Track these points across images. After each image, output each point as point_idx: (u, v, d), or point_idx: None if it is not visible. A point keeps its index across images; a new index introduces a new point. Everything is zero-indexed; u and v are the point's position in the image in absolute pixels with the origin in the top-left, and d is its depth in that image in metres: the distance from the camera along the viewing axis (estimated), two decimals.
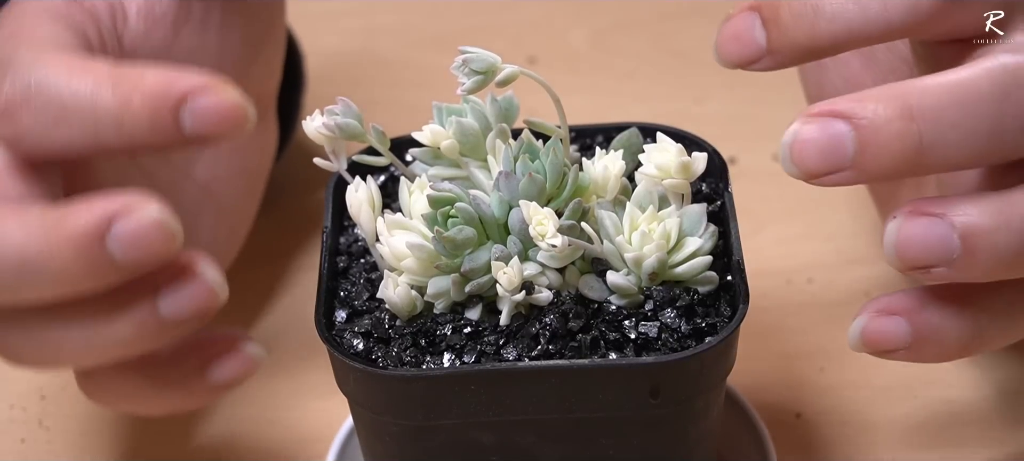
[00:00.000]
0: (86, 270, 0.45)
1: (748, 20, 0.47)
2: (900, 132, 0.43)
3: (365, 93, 0.73)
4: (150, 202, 0.45)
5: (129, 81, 0.47)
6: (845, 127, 0.44)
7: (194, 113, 0.46)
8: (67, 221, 0.45)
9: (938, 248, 0.44)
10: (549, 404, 0.46)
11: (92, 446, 0.60)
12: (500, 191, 0.47)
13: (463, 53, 0.48)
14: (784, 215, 0.68)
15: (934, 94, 0.44)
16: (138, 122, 0.46)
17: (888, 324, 0.46)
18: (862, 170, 0.44)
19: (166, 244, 0.45)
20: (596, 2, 0.83)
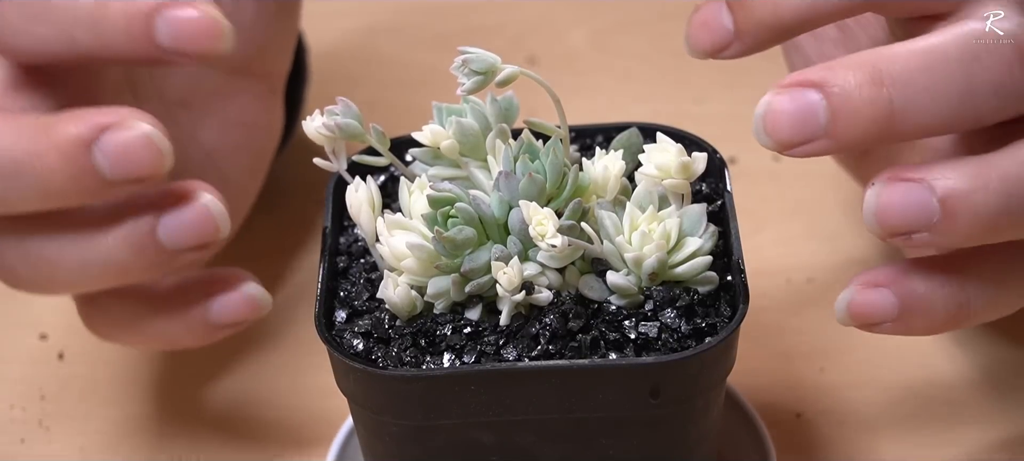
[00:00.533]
0: (72, 178, 0.45)
1: (715, 7, 0.47)
2: (871, 98, 0.44)
3: (365, 93, 0.74)
4: (143, 117, 0.45)
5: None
6: (816, 96, 0.44)
7: (169, 22, 0.46)
8: (56, 127, 0.45)
9: (918, 213, 0.44)
10: (549, 404, 0.46)
11: (92, 446, 0.60)
12: (500, 191, 0.47)
13: (463, 53, 0.48)
14: (784, 215, 0.68)
15: (903, 60, 0.44)
16: (114, 25, 0.46)
17: (874, 296, 0.47)
18: (835, 138, 0.44)
19: (154, 161, 0.44)
20: (596, 2, 0.83)
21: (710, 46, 0.48)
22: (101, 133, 0.44)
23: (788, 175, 0.71)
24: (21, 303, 0.66)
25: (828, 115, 0.44)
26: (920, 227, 0.44)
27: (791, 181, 0.70)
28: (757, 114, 0.45)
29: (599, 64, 0.79)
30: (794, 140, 0.45)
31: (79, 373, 0.63)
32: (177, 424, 0.60)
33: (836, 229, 0.68)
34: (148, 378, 0.62)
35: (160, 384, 0.62)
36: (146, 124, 0.45)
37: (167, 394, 0.61)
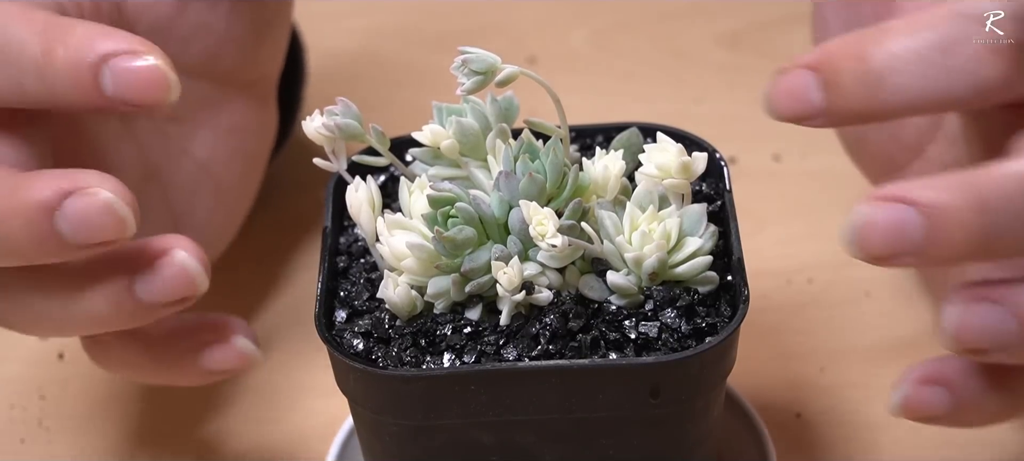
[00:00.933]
0: (36, 242, 0.45)
1: (805, 78, 0.46)
2: (970, 224, 0.43)
3: (365, 93, 0.74)
4: (105, 183, 0.45)
5: (56, 32, 0.46)
6: (915, 215, 0.43)
7: (114, 74, 0.46)
8: (20, 191, 0.45)
9: (996, 335, 0.44)
10: (549, 404, 0.46)
11: (92, 446, 0.60)
12: (500, 191, 0.47)
13: (463, 53, 0.48)
14: (784, 215, 0.68)
15: (1004, 187, 0.43)
16: (59, 76, 0.46)
17: (931, 395, 0.46)
18: (926, 256, 0.43)
19: (116, 227, 0.45)
20: (596, 2, 0.83)
21: (792, 115, 0.46)
22: (62, 199, 0.45)
23: (788, 175, 0.71)
24: None
25: (924, 235, 0.43)
26: (997, 348, 0.44)
27: (791, 181, 0.70)
28: (850, 223, 0.44)
29: (599, 64, 0.79)
30: (884, 254, 0.43)
31: (79, 373, 0.63)
32: (177, 424, 0.60)
33: (836, 229, 0.67)
34: None
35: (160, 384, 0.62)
36: (106, 191, 0.45)
37: (167, 394, 0.61)
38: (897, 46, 0.45)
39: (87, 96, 0.47)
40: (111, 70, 0.46)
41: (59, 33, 0.47)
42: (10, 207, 0.45)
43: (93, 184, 0.45)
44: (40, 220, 0.45)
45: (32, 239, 0.45)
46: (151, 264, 0.47)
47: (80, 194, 0.45)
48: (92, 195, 0.45)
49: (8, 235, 0.45)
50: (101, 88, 0.46)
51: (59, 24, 0.47)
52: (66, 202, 0.45)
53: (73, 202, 0.45)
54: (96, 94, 0.46)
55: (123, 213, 0.45)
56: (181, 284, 0.47)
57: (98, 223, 0.45)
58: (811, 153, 0.69)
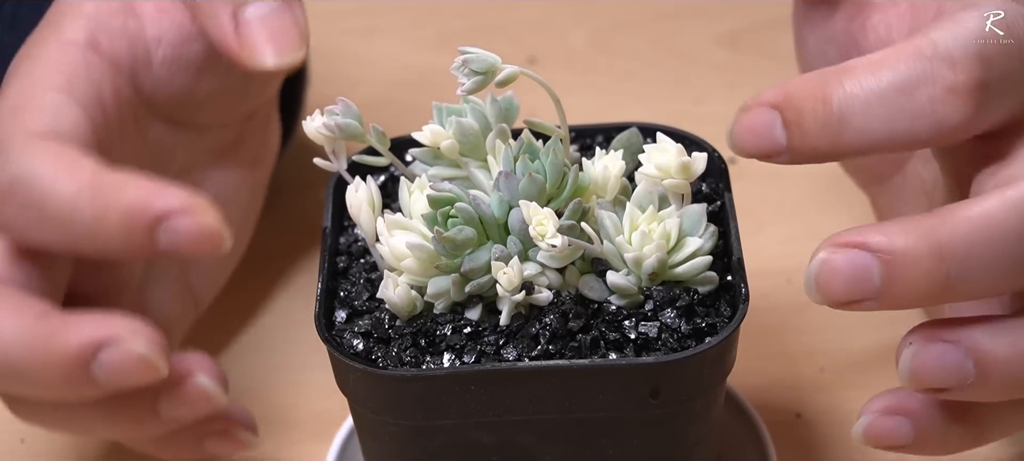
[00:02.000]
0: (70, 386, 0.46)
1: (768, 116, 0.46)
2: (928, 270, 0.43)
3: (365, 93, 0.73)
4: (140, 334, 0.45)
5: (109, 193, 0.46)
6: (873, 261, 0.43)
7: (170, 233, 0.46)
8: (57, 338, 0.45)
9: (953, 374, 0.44)
10: (549, 404, 0.46)
11: (91, 446, 0.60)
12: (500, 191, 0.47)
13: (463, 53, 0.48)
14: (784, 215, 0.68)
15: (964, 232, 0.43)
16: (112, 238, 0.46)
17: (893, 425, 0.47)
18: (886, 302, 0.44)
19: (148, 376, 0.45)
20: (596, 2, 0.83)
21: (756, 152, 0.47)
22: (99, 349, 0.45)
23: (788, 175, 0.70)
24: None
25: (883, 280, 0.43)
26: (954, 386, 0.45)
27: (791, 181, 0.70)
28: (811, 269, 0.44)
29: (599, 64, 0.79)
30: (845, 299, 0.44)
31: None
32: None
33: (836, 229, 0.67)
34: None
35: None
36: (141, 345, 0.45)
37: None
38: (858, 87, 0.45)
39: (139, 252, 0.47)
40: (166, 229, 0.46)
41: (110, 194, 0.46)
42: (46, 355, 0.45)
43: (127, 336, 0.45)
44: (76, 368, 0.45)
45: (66, 384, 0.46)
46: (172, 388, 0.47)
47: (115, 346, 0.45)
48: (127, 349, 0.45)
49: (42, 380, 0.46)
50: (155, 244, 0.46)
51: (107, 184, 0.47)
52: (102, 353, 0.45)
53: (108, 354, 0.45)
54: (148, 251, 0.46)
55: (157, 364, 0.45)
56: (203, 405, 0.48)
57: (133, 373, 0.45)
58: None
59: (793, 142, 0.46)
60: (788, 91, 0.46)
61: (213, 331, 0.64)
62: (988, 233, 0.44)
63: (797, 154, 0.46)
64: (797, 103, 0.46)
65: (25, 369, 0.46)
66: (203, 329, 0.64)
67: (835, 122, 0.45)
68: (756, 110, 0.46)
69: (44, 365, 0.45)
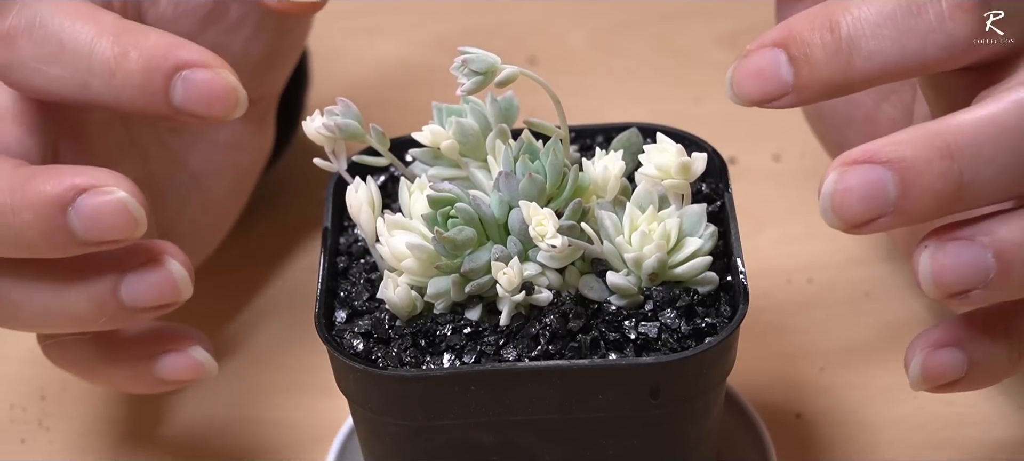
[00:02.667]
0: (45, 235, 0.45)
1: (773, 56, 0.45)
2: (941, 172, 0.43)
3: (365, 93, 0.74)
4: (120, 183, 0.45)
5: (131, 36, 0.46)
6: (885, 172, 0.43)
7: (187, 83, 0.46)
8: (33, 183, 0.45)
9: (973, 271, 0.44)
10: (549, 404, 0.46)
11: (92, 446, 0.60)
12: (500, 191, 0.47)
13: (463, 53, 0.48)
14: (784, 215, 0.68)
15: (970, 131, 0.43)
16: (130, 78, 0.46)
17: (948, 357, 0.46)
18: (903, 213, 0.43)
19: (127, 227, 0.45)
20: (596, 2, 0.83)
21: (760, 96, 0.45)
22: (77, 195, 0.45)
23: (788, 175, 0.71)
24: None
25: (898, 190, 0.43)
26: (976, 284, 0.44)
27: (791, 181, 0.70)
28: (824, 193, 0.43)
29: (599, 64, 0.79)
30: (863, 217, 0.43)
31: None
32: (177, 424, 0.60)
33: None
34: None
35: None
36: (123, 191, 0.45)
37: (167, 394, 0.61)
38: (866, 11, 0.45)
39: (152, 102, 0.46)
40: (185, 80, 0.46)
41: (133, 37, 0.46)
42: (23, 199, 0.45)
43: (109, 182, 0.45)
44: (52, 214, 0.45)
45: (41, 233, 0.45)
46: (139, 268, 0.47)
47: (95, 191, 0.45)
48: (107, 194, 0.45)
49: (17, 227, 0.45)
50: (169, 97, 0.46)
51: (131, 28, 0.47)
52: (80, 199, 0.45)
53: (87, 199, 0.45)
54: (162, 102, 0.46)
55: (137, 214, 0.45)
56: (167, 291, 0.47)
57: (110, 222, 0.45)
58: (811, 153, 0.69)
59: (801, 78, 0.45)
60: (792, 27, 0.45)
61: (213, 331, 0.64)
62: (994, 131, 0.43)
63: (804, 90, 0.45)
64: (804, 36, 0.45)
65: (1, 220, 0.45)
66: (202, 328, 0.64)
67: (845, 49, 0.45)
68: (759, 52, 0.46)
69: (19, 212, 0.45)
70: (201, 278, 0.66)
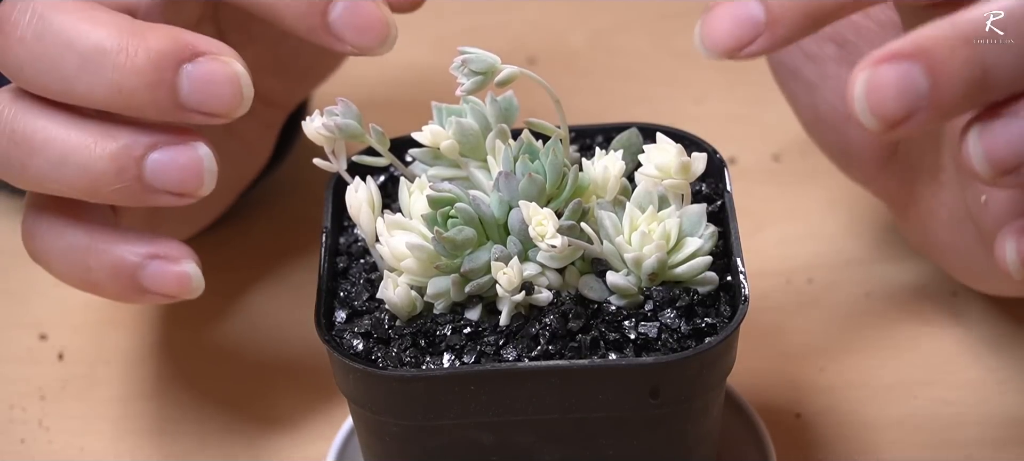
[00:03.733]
0: (149, 87, 0.45)
1: (740, 2, 0.45)
2: (965, 58, 0.43)
3: (365, 93, 0.73)
4: (238, 58, 0.45)
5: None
6: (912, 65, 0.43)
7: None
8: (154, 32, 0.45)
9: None
10: (549, 404, 0.46)
11: (92, 446, 0.60)
12: (500, 191, 0.47)
13: (463, 53, 0.48)
14: (784, 215, 0.68)
15: (982, 21, 0.43)
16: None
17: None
18: (935, 106, 0.43)
19: (233, 102, 0.45)
20: (596, 2, 0.83)
21: (732, 42, 0.45)
22: (195, 56, 0.44)
23: (788, 175, 0.71)
24: (21, 303, 0.66)
25: (929, 82, 0.43)
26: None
27: (791, 181, 0.70)
28: (858, 95, 0.43)
29: (599, 64, 0.79)
30: (900, 113, 0.43)
31: (79, 373, 0.63)
32: (177, 424, 0.60)
33: (836, 229, 0.68)
34: (148, 378, 0.62)
35: (160, 384, 0.62)
36: (239, 65, 0.45)
37: (167, 394, 0.61)
38: None
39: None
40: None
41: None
42: (141, 44, 0.44)
43: (225, 53, 0.45)
44: (165, 66, 0.44)
45: (147, 83, 0.44)
46: (172, 143, 0.46)
47: (212, 57, 0.44)
48: (223, 62, 0.44)
49: (126, 69, 0.45)
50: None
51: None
52: (198, 59, 0.44)
53: (205, 61, 0.44)
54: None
55: (247, 91, 0.45)
56: (192, 176, 0.47)
57: (218, 91, 0.44)
58: (811, 153, 0.69)
59: (773, 10, 0.45)
60: None
61: (212, 330, 0.64)
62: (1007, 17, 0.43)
63: (777, 24, 0.45)
64: None
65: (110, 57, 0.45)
66: (202, 328, 0.64)
67: None
68: (725, 3, 0.45)
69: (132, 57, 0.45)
70: None
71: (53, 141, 0.47)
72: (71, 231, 0.50)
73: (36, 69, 0.47)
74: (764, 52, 0.46)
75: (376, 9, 0.47)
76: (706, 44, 0.46)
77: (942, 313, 0.63)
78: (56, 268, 0.51)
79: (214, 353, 0.63)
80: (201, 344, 0.64)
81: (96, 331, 0.64)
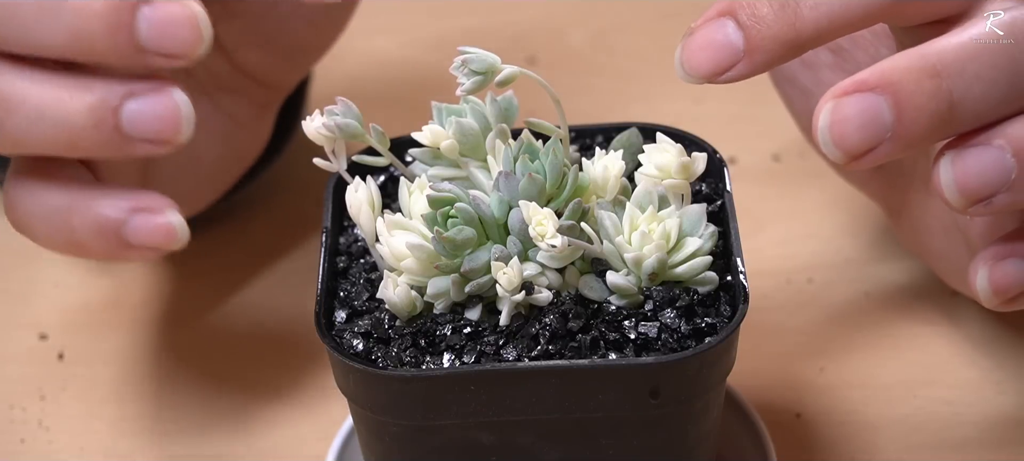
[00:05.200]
0: (108, 30, 0.44)
1: (720, 25, 0.45)
2: (931, 91, 0.43)
3: (365, 93, 0.73)
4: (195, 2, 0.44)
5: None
6: (877, 97, 0.43)
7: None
8: None
9: (995, 172, 0.44)
10: (549, 404, 0.46)
11: (92, 446, 0.60)
12: (500, 191, 0.47)
13: (463, 53, 0.48)
14: (784, 215, 0.69)
15: (953, 51, 0.43)
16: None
17: (1013, 267, 0.46)
18: (900, 138, 0.43)
19: (192, 42, 0.44)
20: (596, 2, 0.83)
21: (711, 68, 0.45)
22: None
23: (788, 175, 0.71)
24: (21, 303, 0.66)
25: (893, 114, 0.43)
26: (999, 188, 0.44)
27: (791, 181, 0.70)
28: (821, 126, 0.43)
29: (599, 64, 0.79)
30: (863, 146, 0.43)
31: (79, 373, 0.63)
32: (177, 424, 0.60)
33: (836, 229, 0.68)
34: (148, 378, 0.62)
35: (160, 384, 0.62)
36: (196, 5, 0.44)
37: (167, 394, 0.61)
38: None
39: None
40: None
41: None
42: None
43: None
44: (121, 8, 0.44)
45: (105, 26, 0.44)
46: (148, 92, 0.46)
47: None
48: (181, 4, 0.44)
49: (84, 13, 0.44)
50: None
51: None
52: (156, 2, 0.44)
53: (161, 4, 0.44)
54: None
55: (205, 31, 0.44)
56: (170, 122, 0.46)
57: (177, 33, 0.44)
58: (811, 153, 0.69)
59: (752, 39, 0.45)
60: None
61: (212, 330, 0.64)
62: (976, 49, 0.44)
63: (756, 52, 0.45)
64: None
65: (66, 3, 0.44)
66: (202, 328, 0.64)
67: (792, 2, 0.44)
68: (705, 25, 0.45)
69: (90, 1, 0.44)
70: (200, 277, 0.66)
71: (28, 98, 0.47)
72: (52, 193, 0.49)
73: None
74: (742, 78, 0.46)
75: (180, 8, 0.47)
76: (686, 68, 0.46)
77: (941, 313, 0.63)
78: (40, 233, 0.51)
79: (214, 353, 0.63)
80: (201, 344, 0.64)
81: (96, 331, 0.64)
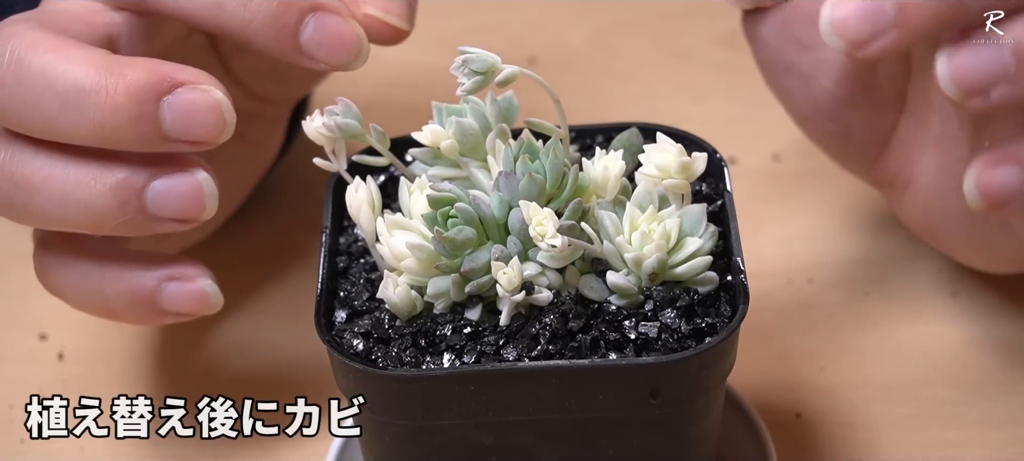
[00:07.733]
0: (132, 122, 0.45)
1: None
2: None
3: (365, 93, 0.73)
4: (216, 84, 0.45)
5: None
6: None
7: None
8: (132, 67, 0.45)
9: (991, 66, 0.44)
10: (549, 404, 0.46)
11: (92, 446, 0.60)
12: (500, 191, 0.47)
13: (463, 53, 0.48)
14: (784, 215, 0.69)
15: None
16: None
17: (1004, 173, 0.46)
18: (904, 27, 0.43)
19: (216, 130, 0.45)
20: (596, 2, 0.83)
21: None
22: (174, 88, 0.45)
23: (788, 175, 0.71)
24: (21, 303, 0.66)
25: (895, 6, 0.43)
26: (997, 80, 0.44)
27: (791, 181, 0.70)
28: (824, 17, 0.43)
29: (599, 64, 0.79)
30: (864, 35, 0.43)
31: (79, 373, 0.63)
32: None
33: (836, 229, 0.68)
34: (148, 378, 0.62)
35: (160, 384, 0.62)
36: (219, 92, 0.45)
37: (167, 394, 0.61)
38: None
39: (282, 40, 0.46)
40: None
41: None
42: (119, 81, 0.44)
43: (205, 82, 0.45)
44: (145, 100, 0.44)
45: (130, 118, 0.44)
46: (171, 171, 0.47)
47: (192, 87, 0.45)
48: (204, 92, 0.44)
49: (107, 107, 0.45)
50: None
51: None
52: (177, 91, 0.44)
53: (184, 92, 0.44)
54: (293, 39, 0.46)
55: (229, 117, 0.45)
56: (194, 202, 0.47)
57: (201, 120, 0.45)
58: (811, 153, 0.69)
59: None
60: None
61: (212, 330, 0.64)
62: None
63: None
64: None
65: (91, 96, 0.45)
66: (202, 328, 0.64)
67: None
68: None
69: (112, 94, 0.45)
70: None
71: (53, 180, 0.48)
72: (82, 264, 0.50)
73: (19, 112, 0.47)
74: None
75: (346, 25, 0.48)
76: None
77: (942, 314, 0.63)
78: (74, 300, 0.52)
79: (214, 353, 0.63)
80: (201, 344, 0.64)
81: (96, 331, 0.64)
